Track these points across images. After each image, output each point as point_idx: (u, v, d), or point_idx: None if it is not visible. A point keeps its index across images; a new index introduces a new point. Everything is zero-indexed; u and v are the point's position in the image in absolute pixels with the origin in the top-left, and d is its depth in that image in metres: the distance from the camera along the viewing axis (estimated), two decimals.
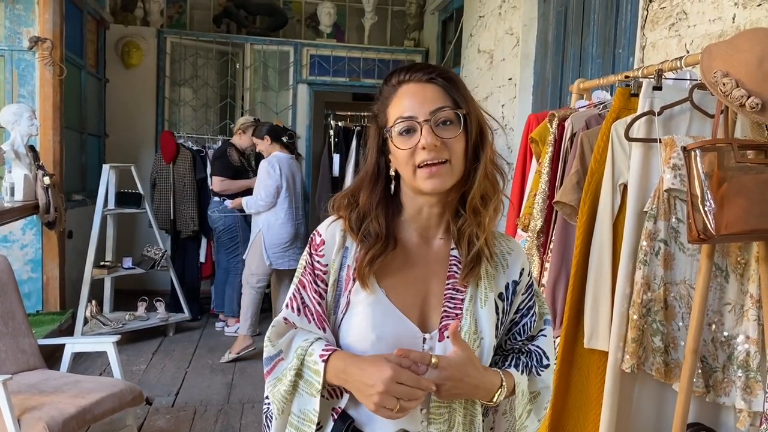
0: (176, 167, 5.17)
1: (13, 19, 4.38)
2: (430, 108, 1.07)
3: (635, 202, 1.70)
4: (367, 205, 1.13)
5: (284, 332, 1.14)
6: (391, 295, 1.10)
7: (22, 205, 3.80)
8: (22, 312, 2.89)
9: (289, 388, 1.08)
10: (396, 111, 1.09)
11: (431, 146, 1.05)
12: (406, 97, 1.09)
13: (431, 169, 1.06)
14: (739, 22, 2.19)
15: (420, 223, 1.15)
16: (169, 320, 4.79)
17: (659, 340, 1.65)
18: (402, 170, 1.10)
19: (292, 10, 6.70)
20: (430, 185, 1.06)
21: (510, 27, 4.34)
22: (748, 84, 1.46)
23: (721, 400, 1.66)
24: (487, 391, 1.08)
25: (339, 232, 1.15)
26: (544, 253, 2.05)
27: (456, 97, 1.09)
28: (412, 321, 1.10)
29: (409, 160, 1.07)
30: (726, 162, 1.49)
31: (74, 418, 2.37)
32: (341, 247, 1.14)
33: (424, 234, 1.16)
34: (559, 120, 2.08)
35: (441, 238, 1.15)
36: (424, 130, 1.05)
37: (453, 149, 1.07)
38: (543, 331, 1.19)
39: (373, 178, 1.14)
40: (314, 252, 1.15)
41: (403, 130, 1.08)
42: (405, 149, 1.07)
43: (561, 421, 1.84)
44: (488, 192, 1.12)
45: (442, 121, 1.07)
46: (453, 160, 1.07)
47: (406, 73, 1.11)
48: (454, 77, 1.11)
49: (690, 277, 1.68)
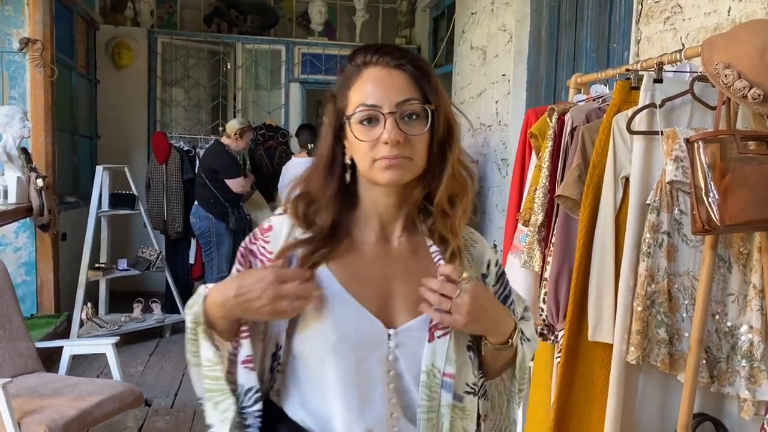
0: (168, 168, 5.15)
1: (2, 21, 4.33)
2: (396, 99, 0.98)
3: (638, 194, 1.71)
4: (319, 194, 1.04)
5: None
6: (350, 289, 1.01)
7: (16, 207, 3.76)
8: (19, 315, 2.87)
9: (190, 337, 1.02)
10: (358, 96, 1.00)
11: (394, 142, 0.96)
12: (371, 82, 0.99)
13: (390, 161, 0.98)
14: (734, 15, 2.20)
15: (377, 218, 1.06)
16: (165, 321, 4.77)
17: (664, 331, 1.66)
18: (358, 160, 1.02)
19: (283, 9, 6.69)
20: (387, 177, 0.98)
21: (503, 23, 4.35)
22: (749, 75, 1.47)
23: (726, 390, 1.68)
24: (504, 329, 1.04)
25: (287, 222, 1.06)
26: (546, 247, 2.06)
27: (425, 88, 1.00)
28: (374, 315, 1.01)
29: (368, 153, 0.99)
30: (728, 153, 1.49)
31: (75, 421, 2.36)
32: (288, 237, 1.05)
33: (383, 230, 1.06)
34: (559, 114, 2.09)
35: (401, 237, 1.07)
36: (388, 123, 0.97)
37: (416, 146, 0.99)
38: (525, 317, 1.15)
39: (327, 166, 1.04)
40: (261, 237, 1.06)
41: (365, 119, 0.99)
42: (365, 141, 0.98)
43: (566, 413, 1.85)
44: (456, 193, 1.04)
45: (408, 115, 0.99)
46: (415, 157, 0.99)
47: (374, 53, 1.01)
48: (425, 66, 1.02)
49: (693, 268, 1.69)
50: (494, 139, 4.51)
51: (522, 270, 2.18)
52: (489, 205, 4.59)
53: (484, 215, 4.70)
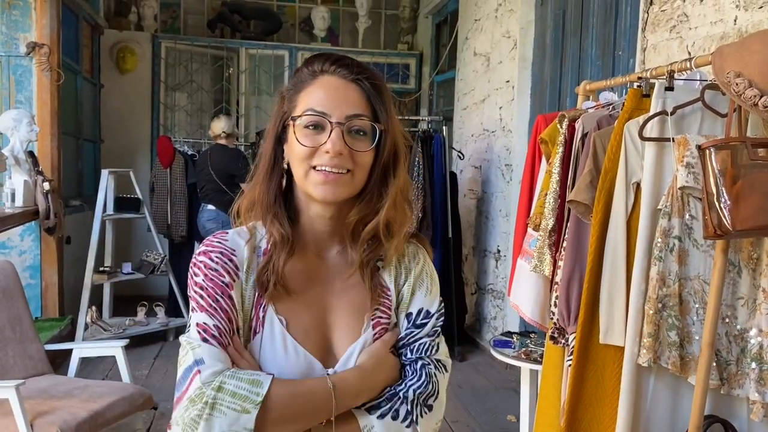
0: (172, 172, 5.16)
1: (9, 25, 4.36)
2: (347, 111, 0.96)
3: (649, 200, 1.74)
4: (264, 200, 1.01)
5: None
6: (292, 325, 0.99)
7: (23, 210, 3.78)
8: (28, 318, 2.88)
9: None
10: (309, 100, 0.98)
11: (336, 152, 0.94)
12: (324, 90, 0.98)
13: (328, 176, 0.95)
14: (740, 24, 2.24)
15: (314, 235, 1.03)
16: (169, 325, 4.78)
17: (675, 334, 1.69)
18: (295, 167, 0.99)
19: (286, 15, 6.72)
20: (322, 192, 0.96)
21: (507, 30, 4.39)
22: (760, 84, 1.50)
23: (735, 392, 1.70)
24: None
25: (244, 229, 1.04)
26: (557, 251, 2.08)
27: (377, 107, 0.99)
28: (315, 355, 0.99)
29: (307, 159, 0.96)
30: (739, 159, 1.53)
31: (87, 423, 2.37)
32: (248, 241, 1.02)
33: (318, 247, 1.04)
34: (570, 121, 2.12)
35: (336, 256, 1.05)
36: (334, 133, 0.95)
37: (358, 162, 0.97)
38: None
39: (269, 169, 1.02)
40: (219, 237, 1.04)
41: (311, 124, 0.97)
42: (306, 146, 0.96)
43: (577, 415, 1.87)
44: (393, 222, 1.02)
45: (355, 130, 0.97)
46: (355, 173, 0.98)
47: (332, 63, 0.99)
48: (381, 85, 1.01)
49: (704, 272, 1.72)
50: (498, 145, 4.54)
51: (532, 274, 2.21)
52: (493, 210, 4.63)
53: (487, 220, 4.74)
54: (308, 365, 0.98)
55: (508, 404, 3.63)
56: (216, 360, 0.93)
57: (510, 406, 3.59)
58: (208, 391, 0.91)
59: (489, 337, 4.31)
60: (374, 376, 0.99)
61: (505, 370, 4.19)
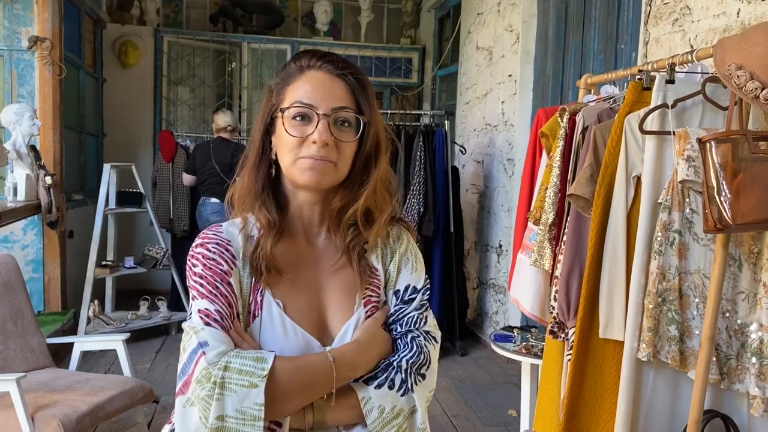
0: (174, 166, 5.17)
1: (11, 19, 4.35)
2: (333, 104, 1.02)
3: (649, 193, 1.73)
4: (252, 188, 1.07)
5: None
6: (290, 312, 1.04)
7: (25, 205, 3.78)
8: (30, 311, 2.89)
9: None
10: (296, 93, 1.03)
11: (323, 143, 1.00)
12: (312, 84, 1.03)
13: (314, 161, 1.01)
14: (743, 17, 2.23)
15: (303, 222, 1.09)
16: (172, 319, 4.79)
17: (675, 328, 1.69)
18: (282, 156, 1.04)
19: (289, 9, 6.71)
20: (307, 178, 1.01)
21: (509, 24, 4.37)
22: (762, 77, 1.49)
23: (736, 387, 1.70)
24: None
25: (237, 220, 1.09)
26: (557, 245, 2.08)
27: (361, 101, 1.05)
28: (312, 334, 1.04)
29: (295, 149, 1.02)
30: (740, 153, 1.52)
31: (87, 416, 2.37)
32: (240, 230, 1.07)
33: (307, 233, 1.10)
34: (570, 114, 2.11)
35: (325, 240, 1.10)
36: (321, 124, 1.00)
37: (343, 153, 1.03)
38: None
39: (257, 159, 1.08)
40: (214, 229, 1.09)
41: (298, 116, 1.02)
42: (294, 137, 1.01)
43: (576, 410, 1.87)
44: (374, 209, 1.08)
45: (341, 121, 1.03)
46: (339, 163, 1.03)
47: (319, 59, 1.05)
48: (365, 81, 1.07)
49: (704, 266, 1.71)
50: (500, 139, 4.53)
51: (532, 268, 2.20)
52: (495, 204, 4.62)
53: (489, 215, 4.73)
54: (306, 344, 1.03)
55: (510, 399, 3.63)
56: (219, 341, 0.97)
57: (511, 400, 3.59)
58: (214, 371, 0.94)
59: (490, 331, 4.30)
60: (369, 349, 1.05)
61: (506, 365, 4.19)
